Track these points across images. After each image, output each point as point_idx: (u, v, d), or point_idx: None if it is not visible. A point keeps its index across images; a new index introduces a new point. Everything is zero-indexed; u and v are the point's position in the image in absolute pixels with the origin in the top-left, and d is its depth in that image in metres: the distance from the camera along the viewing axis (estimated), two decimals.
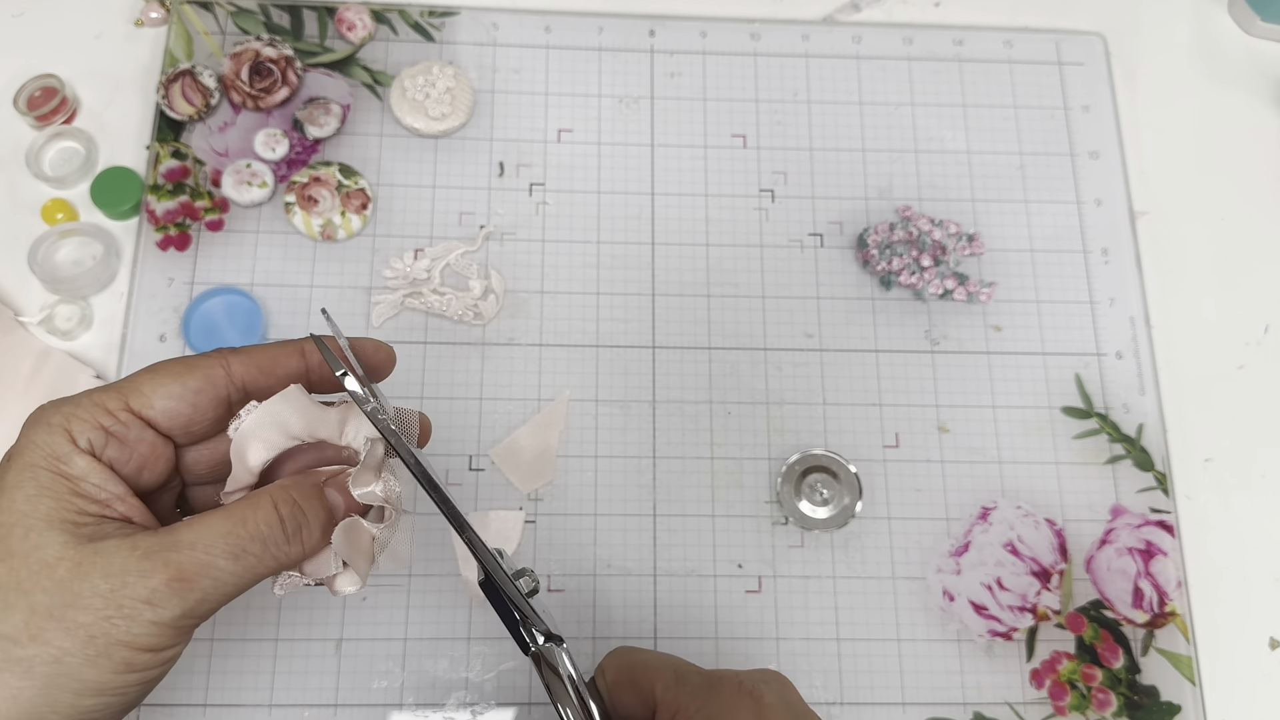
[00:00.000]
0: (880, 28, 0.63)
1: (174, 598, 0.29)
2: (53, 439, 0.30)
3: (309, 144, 0.57)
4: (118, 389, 0.31)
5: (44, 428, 0.30)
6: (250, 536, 0.30)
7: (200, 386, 0.32)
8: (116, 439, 0.31)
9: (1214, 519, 0.54)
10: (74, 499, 0.30)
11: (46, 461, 0.30)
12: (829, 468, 0.53)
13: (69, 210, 0.55)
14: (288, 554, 0.31)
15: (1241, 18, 0.65)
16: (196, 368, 0.32)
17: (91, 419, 0.30)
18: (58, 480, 0.30)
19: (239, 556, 0.30)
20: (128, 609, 0.28)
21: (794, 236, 0.58)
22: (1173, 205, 0.60)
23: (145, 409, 0.31)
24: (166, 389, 0.32)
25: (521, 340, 0.55)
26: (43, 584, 0.28)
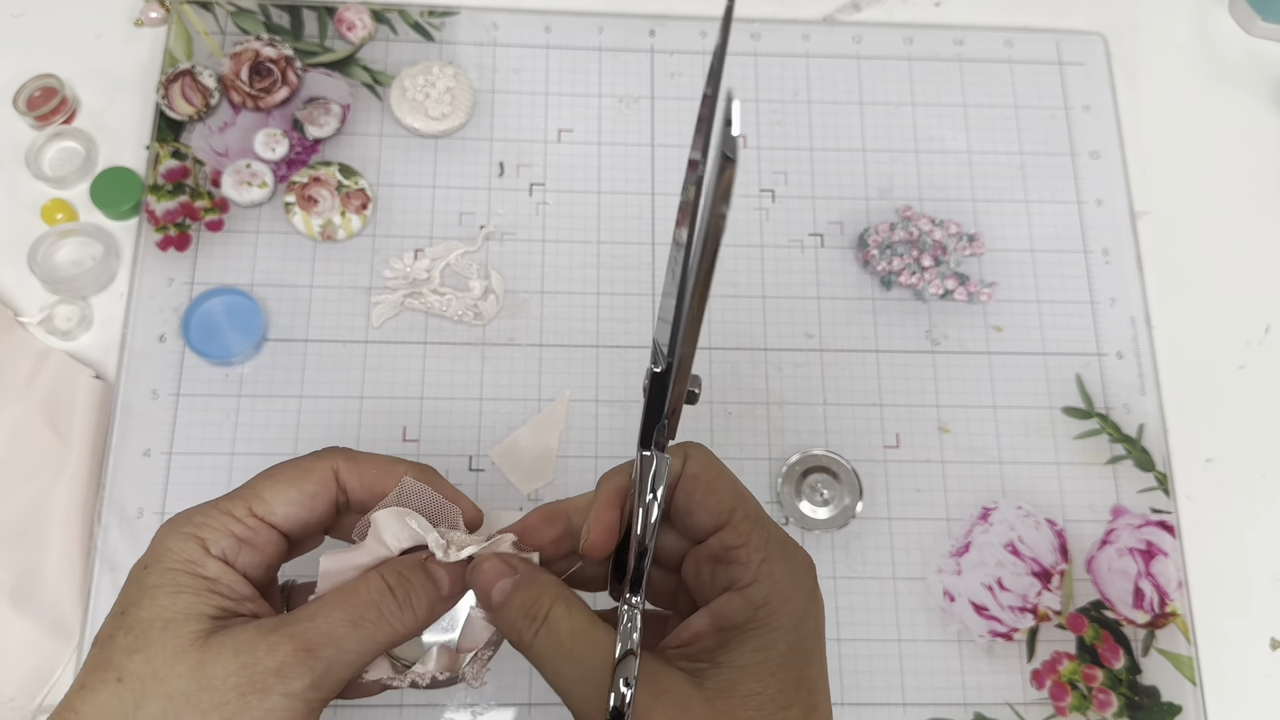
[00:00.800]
0: (880, 28, 0.63)
1: (301, 667, 0.30)
2: (187, 546, 0.32)
3: (309, 144, 0.57)
4: (242, 497, 0.33)
5: (178, 537, 0.32)
6: (365, 604, 0.32)
7: (316, 491, 0.34)
8: (247, 544, 0.33)
9: (1215, 519, 0.54)
10: (210, 596, 0.31)
11: (184, 565, 0.31)
12: (829, 468, 0.53)
13: (69, 210, 0.55)
14: (402, 621, 0.33)
15: (1242, 17, 0.65)
16: (311, 473, 0.34)
17: (222, 527, 0.32)
18: (196, 580, 0.31)
19: (357, 624, 0.31)
20: (259, 682, 0.30)
21: (794, 236, 0.58)
22: (1173, 205, 0.60)
23: (269, 515, 0.33)
24: (286, 495, 0.34)
25: (521, 340, 0.55)
26: (178, 670, 0.30)
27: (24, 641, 0.47)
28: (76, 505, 0.49)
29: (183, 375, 0.52)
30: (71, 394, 0.51)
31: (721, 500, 0.33)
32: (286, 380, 0.53)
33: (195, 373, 0.52)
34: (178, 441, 0.51)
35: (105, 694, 0.30)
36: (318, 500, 0.34)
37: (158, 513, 0.50)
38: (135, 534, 0.49)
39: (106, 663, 0.30)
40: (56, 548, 0.49)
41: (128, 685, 0.30)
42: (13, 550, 0.49)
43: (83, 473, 0.50)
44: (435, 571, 0.34)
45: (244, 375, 0.53)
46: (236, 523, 0.33)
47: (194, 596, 0.31)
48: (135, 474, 0.51)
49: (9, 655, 0.47)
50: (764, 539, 0.33)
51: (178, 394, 0.52)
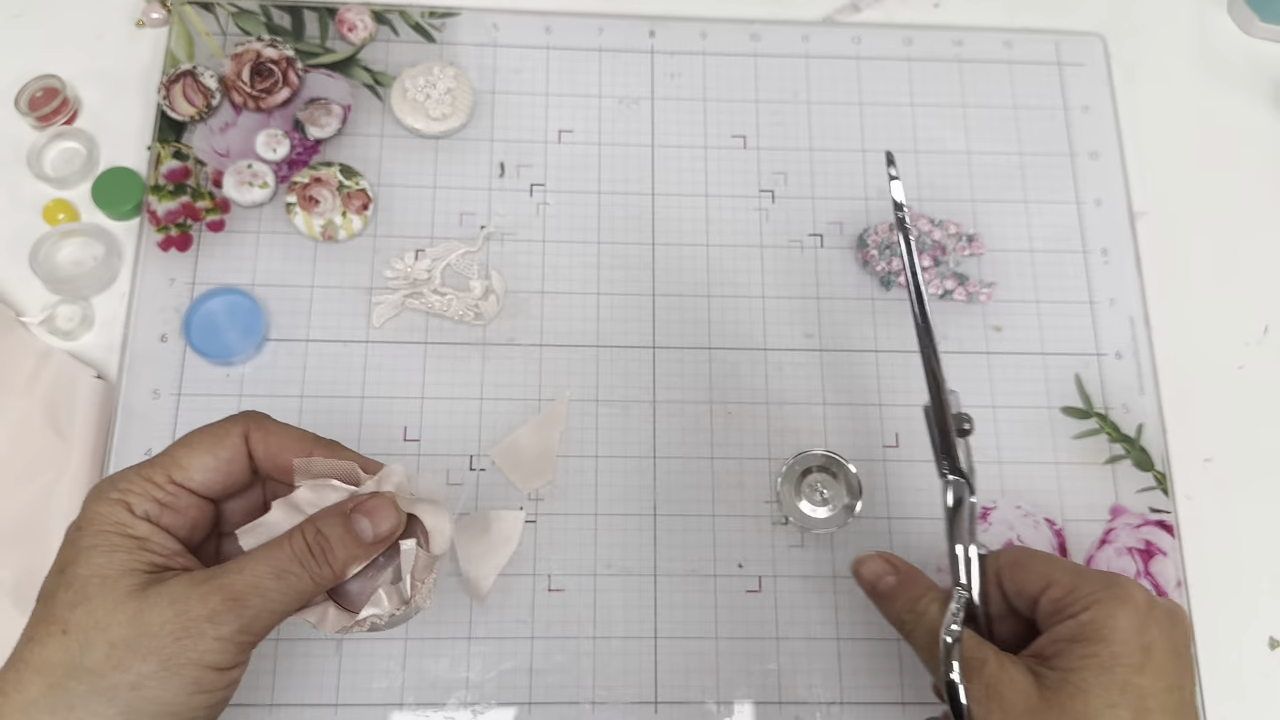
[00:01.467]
0: (880, 28, 0.63)
1: (230, 614, 0.33)
2: (115, 510, 0.35)
3: (310, 144, 0.57)
4: (160, 465, 0.36)
5: (106, 502, 0.35)
6: (288, 558, 0.35)
7: (230, 457, 0.37)
8: (169, 508, 0.36)
9: (1213, 519, 0.54)
10: (142, 553, 0.34)
11: (114, 527, 0.35)
12: (829, 468, 0.53)
13: (70, 211, 0.56)
14: (321, 573, 0.36)
15: (1241, 18, 0.65)
16: (223, 440, 0.37)
17: (144, 492, 0.35)
18: (127, 540, 0.34)
19: (281, 576, 0.35)
20: (192, 629, 0.33)
21: (794, 237, 0.58)
22: (1172, 205, 0.60)
23: (187, 481, 0.36)
24: (201, 461, 0.37)
25: (522, 340, 0.55)
26: (117, 619, 0.33)
27: None
28: (78, 505, 0.49)
29: (184, 375, 0.53)
30: (73, 394, 0.51)
31: (1036, 573, 0.39)
32: (287, 380, 0.53)
33: (196, 373, 0.53)
34: None
35: (52, 645, 0.33)
36: (233, 465, 0.37)
37: None
38: None
39: (51, 617, 0.33)
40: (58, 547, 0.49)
41: (72, 635, 0.33)
42: (14, 549, 0.49)
43: (84, 472, 0.50)
44: (357, 522, 0.36)
45: (245, 375, 0.53)
46: (157, 489, 0.36)
47: (127, 555, 0.34)
48: None
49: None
50: (1091, 582, 0.38)
51: (179, 394, 0.52)
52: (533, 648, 0.50)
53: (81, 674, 0.32)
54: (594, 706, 0.49)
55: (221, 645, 0.33)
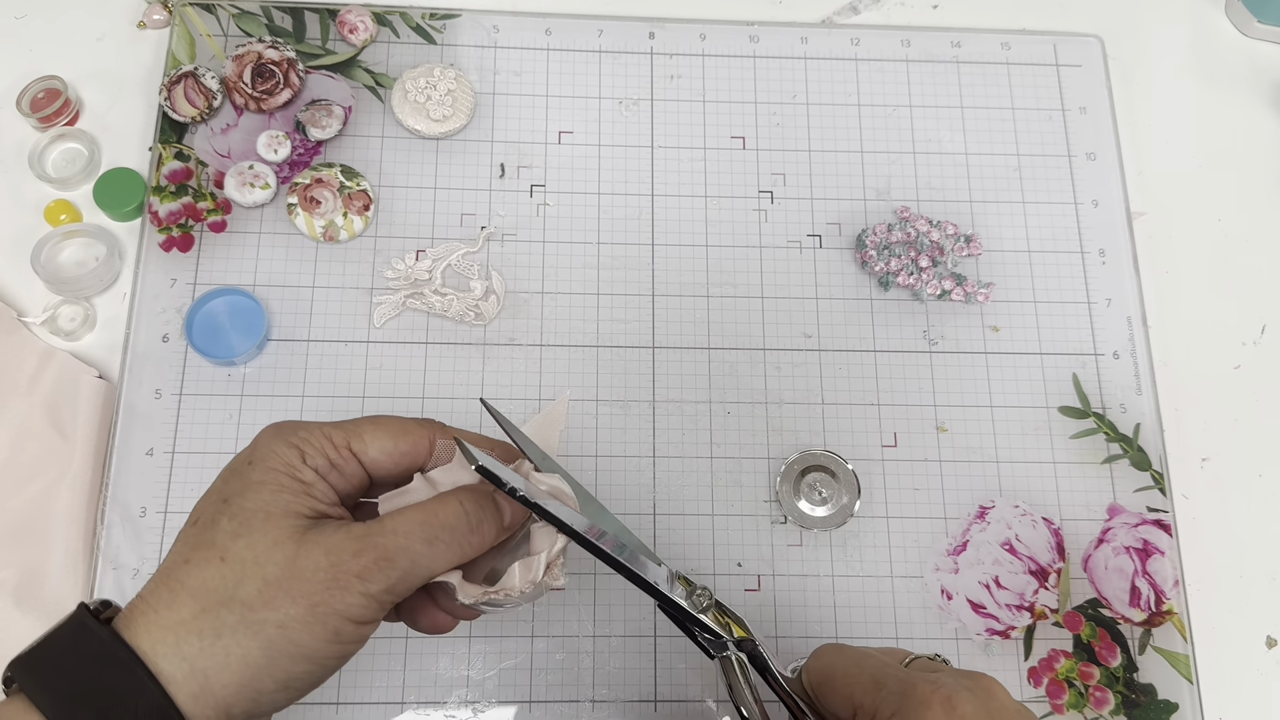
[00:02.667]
0: (878, 30, 0.63)
1: (380, 573, 0.34)
2: (289, 452, 0.36)
3: (311, 146, 0.57)
4: (344, 430, 0.37)
5: (282, 443, 0.36)
6: (440, 525, 0.36)
7: (408, 451, 0.38)
8: (337, 470, 0.36)
9: (1211, 518, 0.55)
10: (306, 498, 0.35)
11: (285, 467, 0.35)
12: (828, 467, 0.53)
13: (72, 211, 0.56)
14: (471, 543, 0.36)
15: (1238, 19, 0.65)
16: (410, 432, 0.38)
17: (320, 448, 0.36)
18: (294, 482, 0.35)
19: (431, 542, 0.35)
20: (343, 581, 0.33)
21: (793, 237, 0.58)
22: (1170, 206, 0.61)
23: (362, 453, 0.37)
24: (381, 443, 0.37)
25: (522, 340, 0.55)
26: (275, 558, 0.33)
27: (27, 639, 0.47)
28: (80, 504, 0.50)
29: (185, 375, 0.53)
30: (75, 394, 0.51)
31: (844, 696, 0.36)
32: (289, 380, 0.53)
33: (198, 373, 0.53)
34: (180, 441, 0.52)
35: (210, 570, 0.33)
36: (406, 458, 0.38)
37: (160, 512, 0.50)
38: (138, 533, 0.50)
39: (210, 542, 0.34)
40: (60, 547, 0.49)
41: (230, 565, 0.33)
42: (16, 549, 0.49)
43: (86, 472, 0.50)
44: (501, 504, 0.37)
45: (246, 375, 0.53)
46: (333, 449, 0.36)
47: (293, 496, 0.35)
48: (138, 473, 0.51)
49: (12, 653, 0.47)
50: (884, 700, 0.35)
51: (180, 394, 0.52)
52: (533, 646, 0.50)
53: (234, 604, 0.32)
54: (594, 705, 0.49)
55: (366, 601, 0.33)
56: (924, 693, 0.34)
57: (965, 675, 0.35)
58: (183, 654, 0.32)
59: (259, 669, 0.32)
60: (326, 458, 0.36)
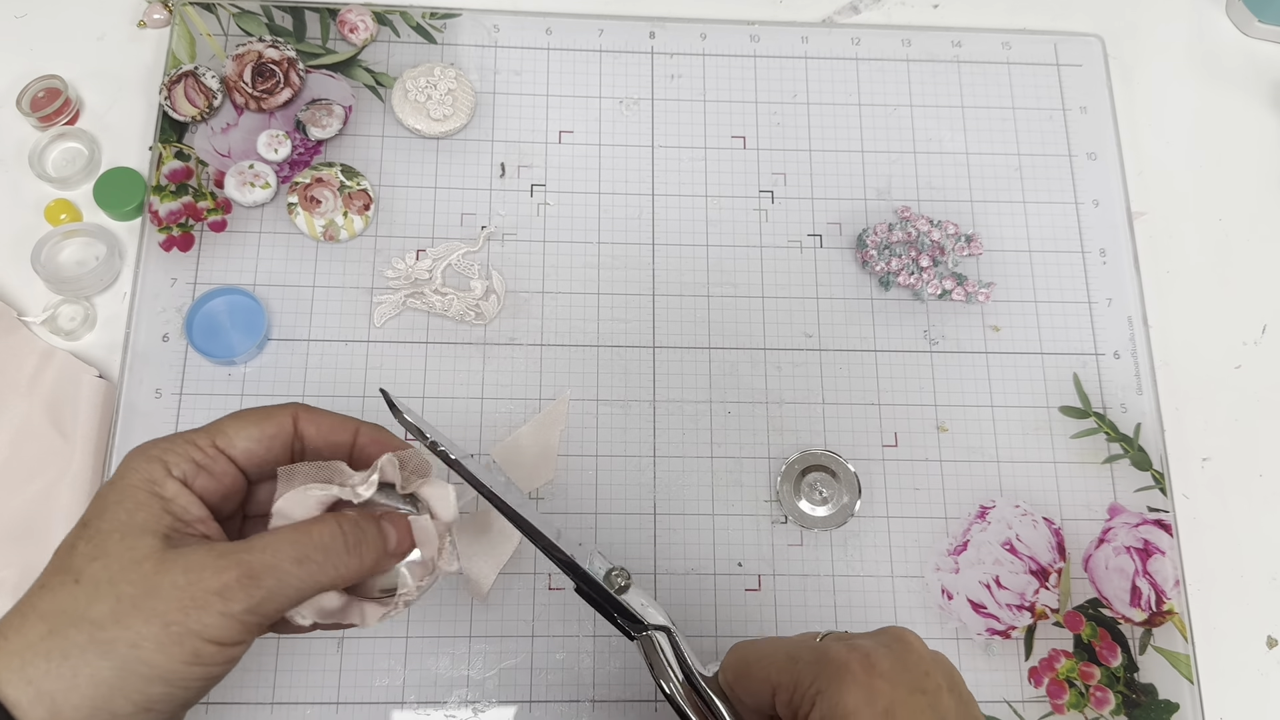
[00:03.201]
0: (879, 29, 0.63)
1: (241, 592, 0.33)
2: (150, 467, 0.35)
3: (311, 145, 0.57)
4: (206, 430, 0.37)
5: (143, 459, 0.35)
6: (314, 545, 0.35)
7: (275, 434, 0.37)
8: (205, 471, 0.36)
9: (1211, 518, 0.55)
10: (165, 515, 0.34)
11: (144, 484, 0.34)
12: (828, 467, 0.53)
13: (72, 211, 0.56)
14: (347, 565, 0.35)
15: (1239, 19, 0.65)
16: (272, 417, 0.38)
17: (184, 453, 0.35)
18: (153, 499, 0.34)
19: (302, 562, 0.34)
20: (201, 600, 0.32)
21: (793, 237, 0.58)
22: (1170, 206, 0.61)
23: (228, 448, 0.37)
24: (247, 432, 0.37)
25: (522, 340, 0.55)
26: (130, 577, 0.32)
27: None
28: (80, 504, 0.50)
29: (186, 375, 0.53)
30: (75, 393, 0.51)
31: (760, 680, 0.36)
32: (289, 380, 0.53)
33: (198, 372, 0.53)
34: None
35: (62, 594, 0.32)
36: (275, 442, 0.37)
37: None
38: None
39: (66, 567, 0.33)
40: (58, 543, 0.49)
41: (83, 586, 0.32)
42: (16, 548, 0.49)
43: (86, 471, 0.50)
44: (386, 529, 0.37)
45: (247, 375, 0.53)
46: (198, 450, 0.36)
47: (149, 514, 0.34)
48: None
49: None
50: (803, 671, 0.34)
51: (180, 393, 0.52)
52: (533, 646, 0.50)
53: (84, 624, 0.32)
54: (594, 705, 0.49)
55: (226, 621, 0.32)
56: (841, 656, 0.33)
57: (879, 634, 0.35)
58: (28, 677, 0.31)
59: (111, 689, 0.31)
60: (192, 461, 0.35)
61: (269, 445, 0.37)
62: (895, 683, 0.33)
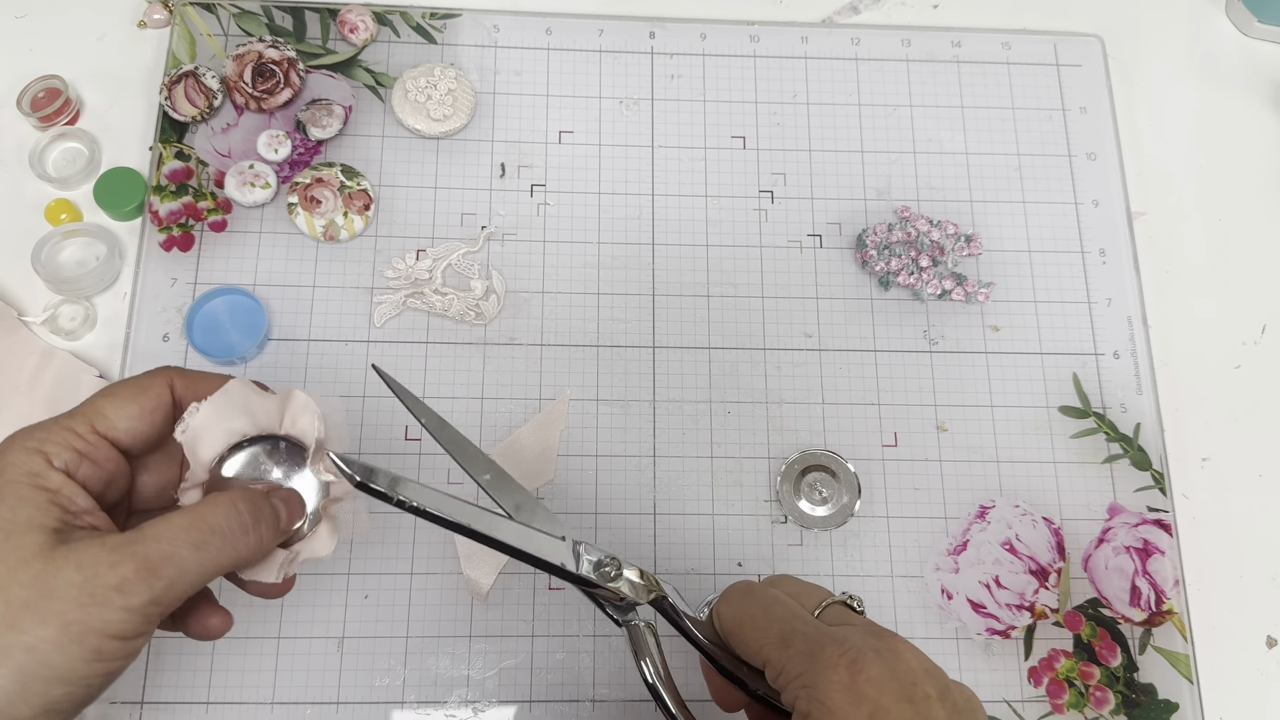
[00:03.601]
0: (879, 30, 0.63)
1: (141, 585, 0.31)
2: (29, 460, 0.33)
3: (311, 145, 0.57)
4: (82, 414, 0.35)
5: (20, 450, 0.33)
6: (210, 529, 0.34)
7: (154, 406, 0.36)
8: (88, 459, 0.34)
9: (1211, 518, 0.55)
10: (51, 508, 0.32)
11: (25, 478, 0.33)
12: (828, 467, 0.53)
13: (73, 211, 0.56)
14: (246, 545, 0.35)
15: (1239, 19, 0.65)
16: (148, 389, 0.36)
17: (64, 441, 0.34)
18: (36, 492, 0.32)
19: (200, 547, 0.33)
20: (100, 596, 0.31)
21: (793, 237, 0.58)
22: (1170, 206, 0.61)
23: (109, 430, 0.35)
24: (126, 411, 0.35)
25: (522, 340, 0.55)
26: (20, 578, 0.31)
27: None
28: None
29: None
30: (75, 393, 0.51)
31: (753, 648, 0.36)
32: (289, 380, 0.53)
33: None
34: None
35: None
36: (156, 415, 0.36)
37: None
38: None
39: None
40: None
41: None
42: None
43: None
44: (276, 504, 0.36)
45: (247, 374, 0.53)
46: (78, 438, 0.34)
47: (34, 509, 0.32)
48: None
49: None
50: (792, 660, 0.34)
51: None
52: (533, 646, 0.50)
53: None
54: (594, 704, 0.49)
55: (128, 616, 0.31)
56: (830, 655, 0.33)
57: (874, 635, 0.35)
58: None
59: (10, 696, 0.30)
60: (73, 449, 0.34)
61: (150, 420, 0.36)
62: (882, 690, 0.33)
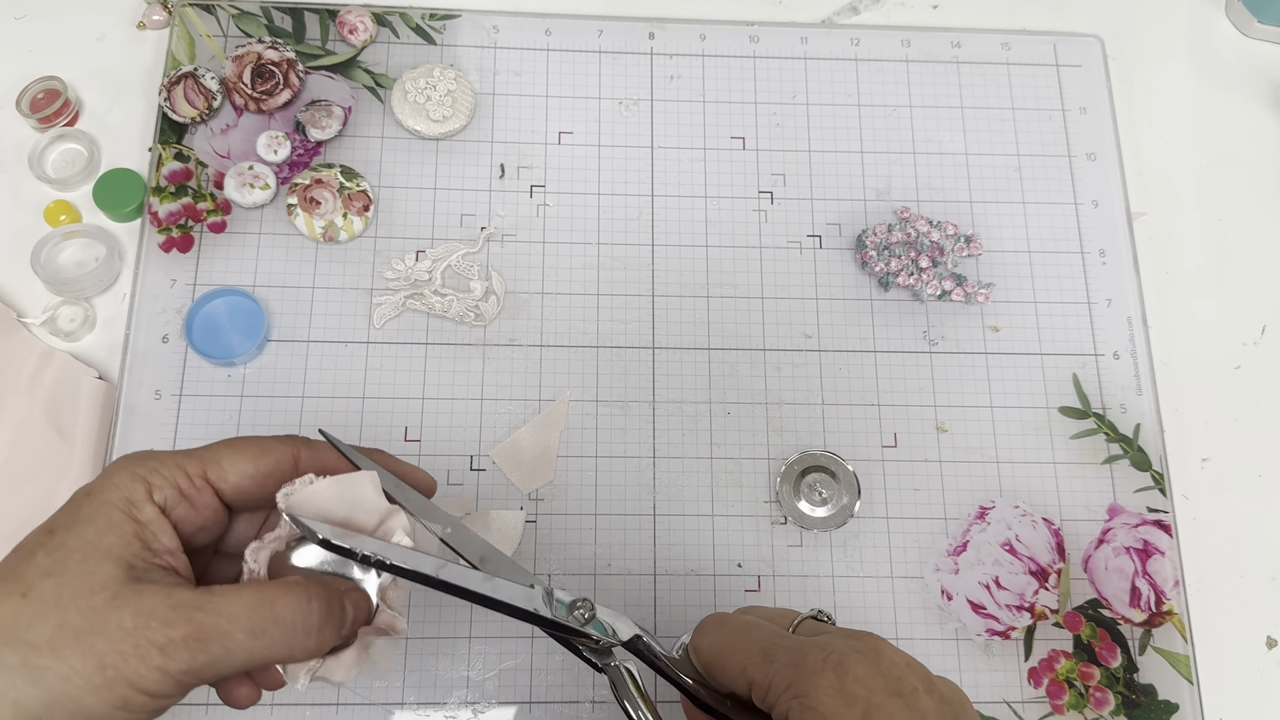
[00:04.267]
0: (878, 30, 0.63)
1: (184, 653, 0.31)
2: (133, 486, 0.33)
3: (311, 146, 0.57)
4: (200, 458, 0.35)
5: (127, 475, 0.33)
6: (273, 619, 0.32)
7: (271, 470, 0.35)
8: (188, 500, 0.34)
9: (1211, 518, 0.55)
10: (134, 541, 0.32)
11: (121, 503, 0.33)
12: (828, 467, 0.53)
13: (72, 212, 0.56)
14: (303, 647, 0.33)
15: (1239, 19, 0.65)
16: (271, 452, 0.36)
17: (171, 478, 0.34)
18: (127, 521, 0.32)
19: (257, 635, 0.32)
20: (142, 650, 0.30)
21: (793, 238, 0.58)
22: (1170, 206, 0.61)
23: (219, 480, 0.35)
24: (241, 468, 0.35)
25: (522, 341, 0.55)
26: (80, 605, 0.31)
27: None
28: None
29: (185, 376, 0.53)
30: (75, 394, 0.51)
31: (735, 673, 0.35)
32: (289, 381, 0.53)
33: (198, 373, 0.53)
34: (180, 442, 0.52)
35: (7, 605, 0.31)
36: (269, 479, 0.35)
37: None
38: None
39: (19, 575, 0.31)
40: None
41: (30, 602, 0.31)
42: None
43: (86, 473, 0.50)
44: (348, 609, 0.35)
45: (246, 376, 0.53)
46: (186, 478, 0.34)
47: (119, 538, 0.32)
48: None
49: None
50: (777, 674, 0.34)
51: (180, 394, 0.52)
52: (533, 646, 0.50)
53: (19, 644, 0.30)
54: (594, 705, 0.49)
55: (162, 677, 0.31)
56: (815, 661, 0.33)
57: (853, 636, 0.35)
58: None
59: (37, 717, 0.30)
60: (177, 487, 0.34)
61: (261, 483, 0.35)
62: (871, 687, 0.33)
